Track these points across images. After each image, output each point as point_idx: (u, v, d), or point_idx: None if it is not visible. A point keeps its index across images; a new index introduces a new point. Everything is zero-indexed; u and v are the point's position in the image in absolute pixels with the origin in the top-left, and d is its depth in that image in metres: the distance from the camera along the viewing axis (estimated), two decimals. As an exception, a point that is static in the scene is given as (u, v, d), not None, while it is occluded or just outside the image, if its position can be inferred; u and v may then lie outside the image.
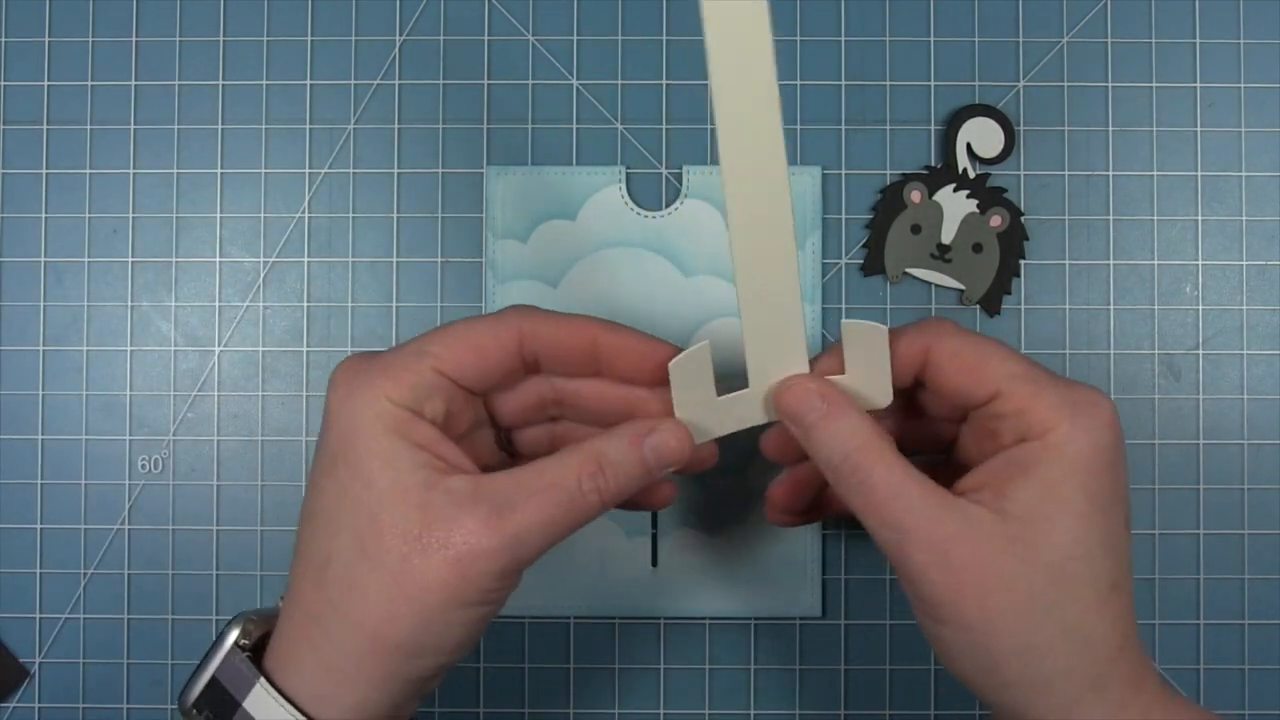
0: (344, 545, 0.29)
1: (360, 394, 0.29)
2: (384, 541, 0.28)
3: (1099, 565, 0.28)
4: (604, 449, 0.30)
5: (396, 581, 0.28)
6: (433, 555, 0.28)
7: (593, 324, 0.32)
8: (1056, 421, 0.29)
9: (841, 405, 0.30)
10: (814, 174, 0.42)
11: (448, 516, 0.28)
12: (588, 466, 0.29)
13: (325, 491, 0.29)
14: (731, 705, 0.42)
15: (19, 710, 0.42)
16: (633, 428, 0.31)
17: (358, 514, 0.28)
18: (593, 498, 0.29)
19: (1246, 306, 0.42)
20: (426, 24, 0.43)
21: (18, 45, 0.43)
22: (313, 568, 0.29)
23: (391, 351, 0.30)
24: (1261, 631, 0.42)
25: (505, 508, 0.28)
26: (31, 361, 0.42)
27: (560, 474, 0.29)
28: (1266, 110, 0.42)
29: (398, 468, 0.28)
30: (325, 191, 0.43)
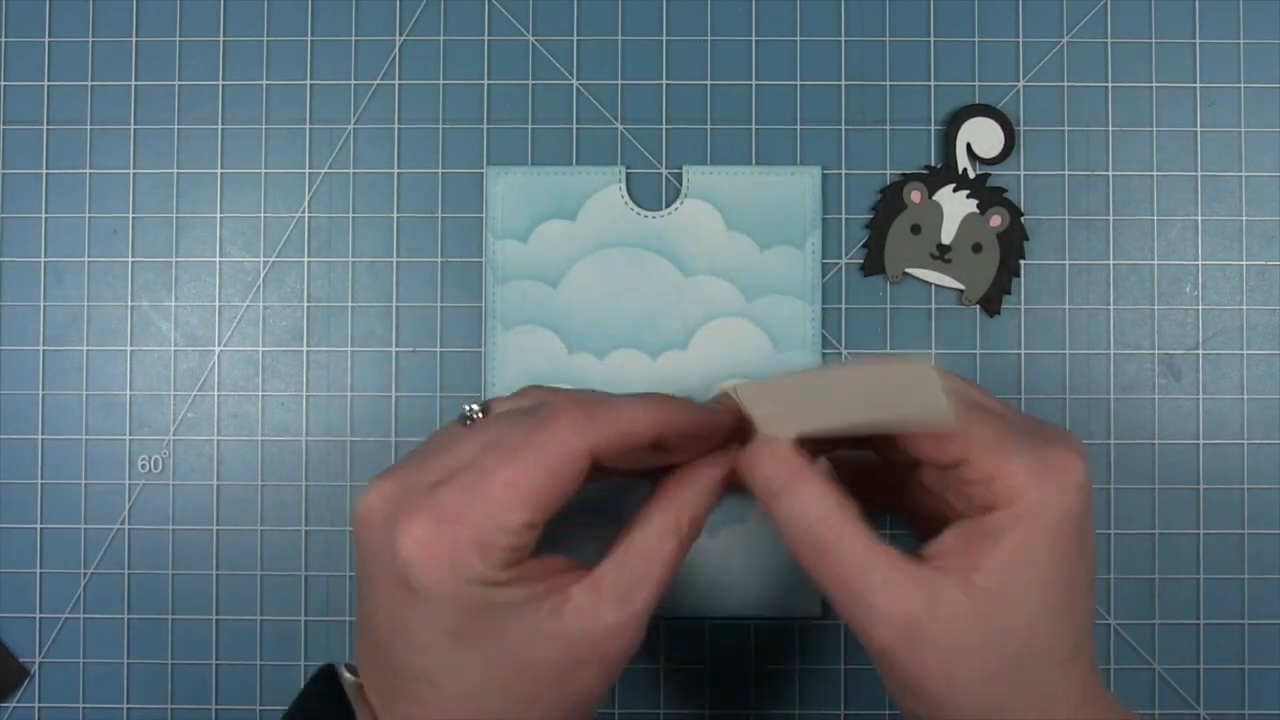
0: (494, 700, 0.28)
1: (462, 570, 0.27)
2: (539, 677, 0.29)
3: (1062, 630, 0.28)
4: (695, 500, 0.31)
5: (557, 700, 0.29)
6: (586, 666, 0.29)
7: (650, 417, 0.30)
8: (1025, 489, 0.28)
9: (804, 474, 0.30)
10: (814, 174, 0.42)
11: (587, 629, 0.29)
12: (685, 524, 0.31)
13: (447, 659, 0.28)
14: (731, 705, 0.42)
15: (19, 710, 0.42)
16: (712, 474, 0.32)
17: (498, 674, 0.28)
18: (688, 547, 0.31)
19: (1246, 306, 0.42)
20: (426, 24, 0.43)
21: (18, 45, 0.43)
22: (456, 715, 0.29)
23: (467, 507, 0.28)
24: (1261, 631, 0.42)
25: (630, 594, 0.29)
26: (31, 361, 0.42)
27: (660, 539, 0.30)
28: (1266, 110, 0.42)
29: (524, 626, 0.28)
30: (325, 191, 0.43)
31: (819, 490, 0.30)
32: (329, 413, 0.42)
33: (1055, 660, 0.28)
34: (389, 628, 0.29)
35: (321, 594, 0.42)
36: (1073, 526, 0.28)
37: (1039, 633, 0.28)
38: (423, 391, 0.42)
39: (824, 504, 0.29)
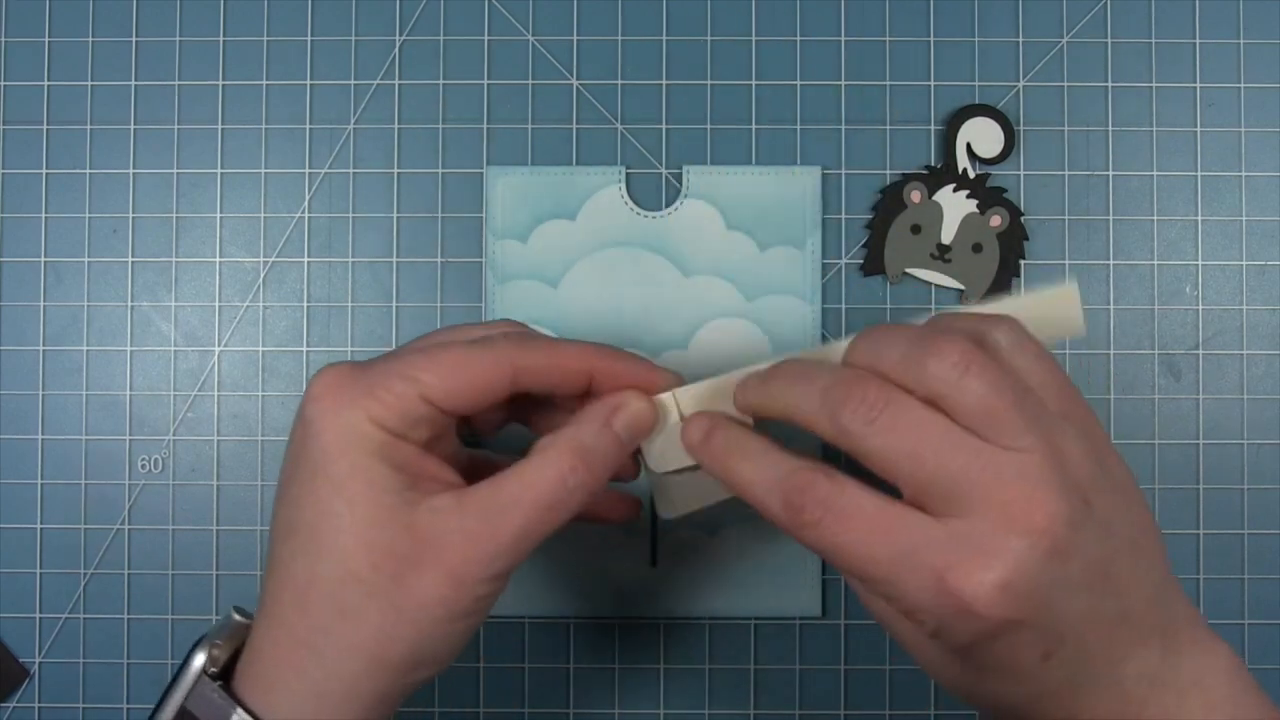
0: (330, 569, 0.28)
1: (345, 412, 0.29)
2: (375, 563, 0.28)
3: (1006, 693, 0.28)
4: (581, 439, 0.30)
5: (392, 602, 0.28)
6: (426, 573, 0.28)
7: (587, 354, 0.31)
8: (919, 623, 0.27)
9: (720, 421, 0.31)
10: (814, 174, 0.42)
11: (437, 534, 0.28)
12: (568, 461, 0.29)
13: (304, 507, 0.29)
14: (731, 705, 0.42)
15: (19, 710, 0.42)
16: (600, 409, 0.30)
17: (342, 536, 0.28)
18: (578, 493, 0.29)
19: (1246, 306, 0.42)
20: (426, 24, 0.43)
21: (18, 45, 0.43)
22: (294, 589, 0.29)
23: (378, 369, 0.29)
24: (1261, 631, 0.42)
25: (494, 517, 0.28)
26: (31, 361, 0.42)
27: (543, 474, 0.29)
28: (1266, 110, 0.42)
29: (383, 489, 0.28)
30: (325, 191, 0.43)
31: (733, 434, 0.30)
32: (329, 413, 0.42)
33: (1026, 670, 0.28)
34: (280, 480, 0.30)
35: (321, 594, 0.42)
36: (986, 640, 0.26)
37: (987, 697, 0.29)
38: (423, 391, 0.42)
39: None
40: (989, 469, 0.26)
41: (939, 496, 0.26)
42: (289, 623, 0.29)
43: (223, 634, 0.30)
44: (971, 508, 0.26)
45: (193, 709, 0.29)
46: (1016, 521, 0.25)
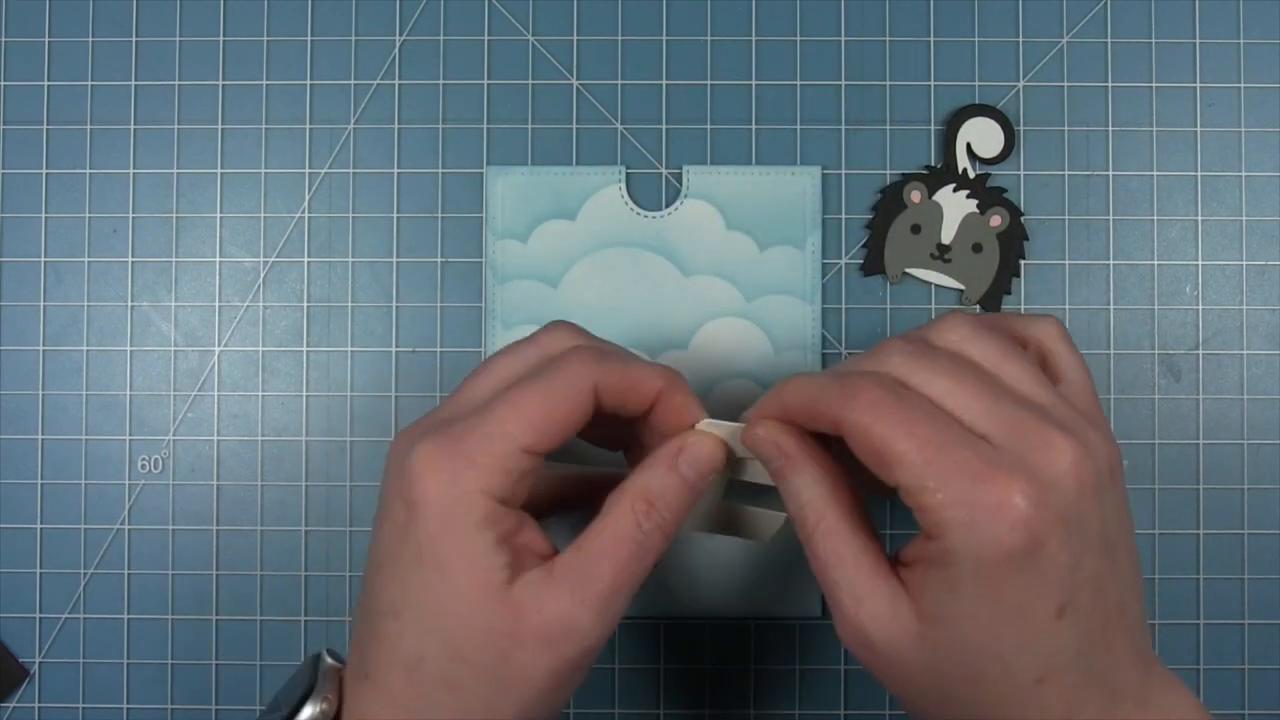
0: (437, 648, 0.29)
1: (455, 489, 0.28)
2: (480, 642, 0.28)
3: (1014, 665, 0.27)
4: (647, 483, 0.30)
5: (497, 678, 0.28)
6: (528, 648, 0.28)
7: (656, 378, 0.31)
8: (950, 527, 0.27)
9: (797, 459, 0.30)
10: (814, 174, 0.42)
11: (534, 609, 0.28)
12: (640, 506, 0.30)
13: (410, 587, 0.29)
14: (731, 705, 0.42)
15: (19, 710, 0.42)
16: (665, 453, 0.31)
17: (449, 618, 0.28)
18: (655, 536, 0.30)
19: (1246, 306, 0.42)
20: (426, 24, 0.43)
21: (18, 45, 0.43)
22: (402, 665, 0.29)
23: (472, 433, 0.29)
24: (1261, 631, 0.42)
25: (584, 582, 0.29)
26: (31, 361, 0.42)
27: (617, 526, 0.29)
28: (1266, 110, 0.42)
29: (483, 567, 0.28)
30: (325, 191, 0.43)
31: (810, 477, 0.30)
32: (329, 413, 0.42)
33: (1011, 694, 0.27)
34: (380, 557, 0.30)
35: (321, 594, 0.42)
36: (1013, 565, 0.26)
37: (985, 667, 0.27)
38: (423, 391, 0.42)
39: (811, 491, 0.30)
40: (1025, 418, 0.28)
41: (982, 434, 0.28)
42: (395, 693, 0.29)
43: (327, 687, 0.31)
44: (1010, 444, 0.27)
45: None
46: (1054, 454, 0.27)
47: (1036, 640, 0.27)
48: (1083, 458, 0.27)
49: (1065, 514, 0.27)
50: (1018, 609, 0.27)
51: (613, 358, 0.31)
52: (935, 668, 0.28)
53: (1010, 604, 0.27)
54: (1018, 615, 0.27)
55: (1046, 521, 0.26)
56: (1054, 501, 0.26)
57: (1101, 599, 0.28)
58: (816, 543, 0.29)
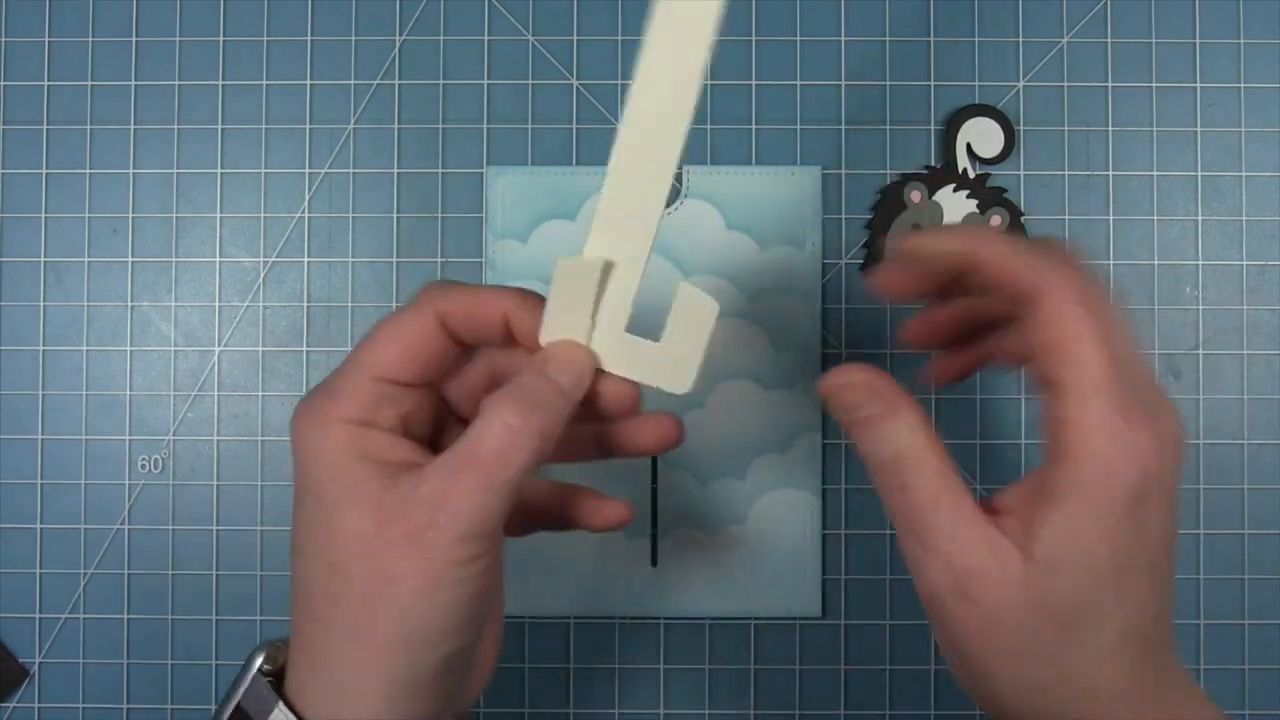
0: (319, 567, 0.29)
1: (315, 424, 0.30)
2: (350, 548, 0.29)
3: (1108, 616, 0.27)
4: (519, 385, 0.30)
5: (370, 585, 0.28)
6: (395, 546, 0.28)
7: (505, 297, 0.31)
8: (1088, 453, 0.27)
9: (895, 403, 0.30)
10: (814, 174, 0.42)
11: (402, 508, 0.28)
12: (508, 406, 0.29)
13: (300, 524, 0.30)
14: (731, 705, 0.42)
15: (19, 710, 0.42)
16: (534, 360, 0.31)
17: (322, 533, 0.29)
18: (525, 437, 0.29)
19: (1246, 306, 0.42)
20: (426, 24, 0.43)
21: (18, 45, 0.43)
22: (301, 595, 0.30)
23: (334, 374, 0.31)
24: (1261, 631, 0.42)
25: (449, 478, 0.28)
26: (31, 361, 0.42)
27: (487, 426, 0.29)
28: (1266, 110, 0.42)
29: (353, 480, 0.29)
30: (325, 191, 0.43)
31: (909, 424, 0.29)
32: (329, 413, 0.42)
33: (1095, 647, 0.27)
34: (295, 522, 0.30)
35: (321, 594, 0.42)
36: (1134, 510, 0.27)
37: (1081, 615, 0.27)
38: (423, 391, 0.42)
39: (911, 438, 0.29)
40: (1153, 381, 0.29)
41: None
42: (301, 626, 0.30)
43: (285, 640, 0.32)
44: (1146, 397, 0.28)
45: (246, 705, 0.31)
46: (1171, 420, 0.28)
47: (1132, 593, 0.27)
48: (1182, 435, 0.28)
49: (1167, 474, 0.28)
50: (1125, 555, 0.27)
51: (459, 286, 0.31)
52: (1031, 614, 0.27)
53: (1119, 553, 0.27)
54: (1124, 562, 0.27)
55: (1159, 476, 0.27)
56: (1168, 462, 0.27)
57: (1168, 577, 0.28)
58: (915, 488, 0.28)
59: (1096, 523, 0.27)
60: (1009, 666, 0.28)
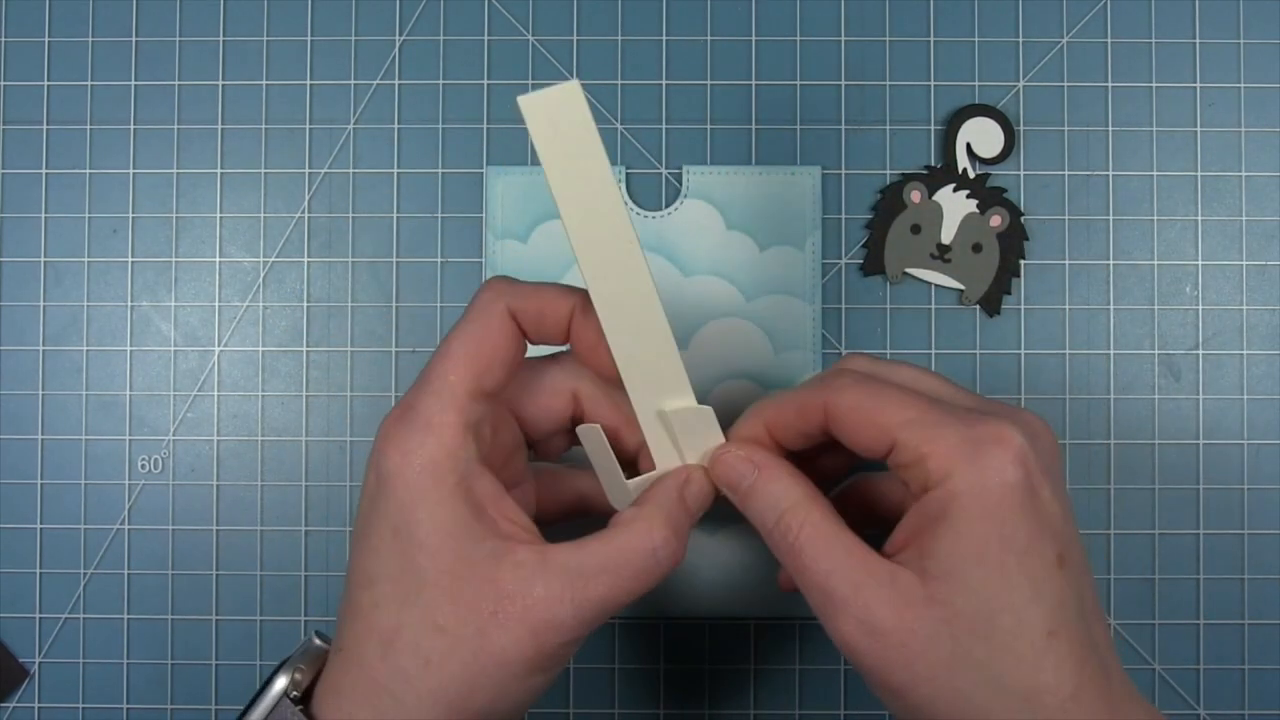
0: (414, 619, 0.28)
1: (413, 456, 0.29)
2: (460, 616, 0.28)
3: (1026, 614, 0.27)
4: (669, 511, 0.30)
5: (474, 656, 0.28)
6: (510, 629, 0.28)
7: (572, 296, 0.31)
8: (952, 466, 0.27)
9: (770, 469, 0.30)
10: (814, 174, 0.42)
11: (521, 591, 0.28)
12: (663, 534, 0.30)
13: (387, 560, 0.29)
14: (731, 705, 0.42)
15: (19, 710, 0.42)
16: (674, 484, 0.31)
17: (426, 589, 0.28)
18: (666, 565, 0.30)
19: (1246, 306, 0.42)
20: (426, 24, 0.43)
21: (18, 45, 0.43)
22: (378, 637, 0.29)
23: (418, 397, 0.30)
24: (1261, 631, 0.42)
25: (580, 582, 0.29)
26: (31, 361, 0.42)
27: (633, 544, 0.30)
28: (1266, 110, 0.42)
29: (462, 538, 0.28)
30: (325, 191, 0.43)
31: (785, 484, 0.30)
32: (329, 413, 0.42)
33: (1026, 648, 0.27)
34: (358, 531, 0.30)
35: (321, 594, 0.42)
36: (1014, 501, 0.27)
37: (998, 617, 0.27)
38: (423, 391, 0.42)
39: (790, 496, 0.30)
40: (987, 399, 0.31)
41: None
42: (370, 666, 0.29)
43: (305, 659, 0.31)
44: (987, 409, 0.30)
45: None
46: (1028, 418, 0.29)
47: (1044, 587, 0.27)
48: (1047, 427, 0.29)
49: (1048, 464, 0.28)
50: (1023, 550, 0.27)
51: (524, 283, 0.31)
52: (947, 630, 0.27)
53: (1015, 545, 0.27)
54: (1024, 558, 0.27)
55: (1038, 466, 0.28)
56: (1041, 450, 0.28)
57: (1083, 568, 0.29)
58: (803, 544, 0.29)
59: (982, 525, 0.27)
60: (941, 688, 0.28)
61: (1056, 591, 0.27)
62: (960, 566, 0.27)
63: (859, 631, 0.28)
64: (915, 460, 0.28)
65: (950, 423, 0.28)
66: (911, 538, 0.28)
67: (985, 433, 0.28)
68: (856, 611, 0.28)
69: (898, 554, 0.29)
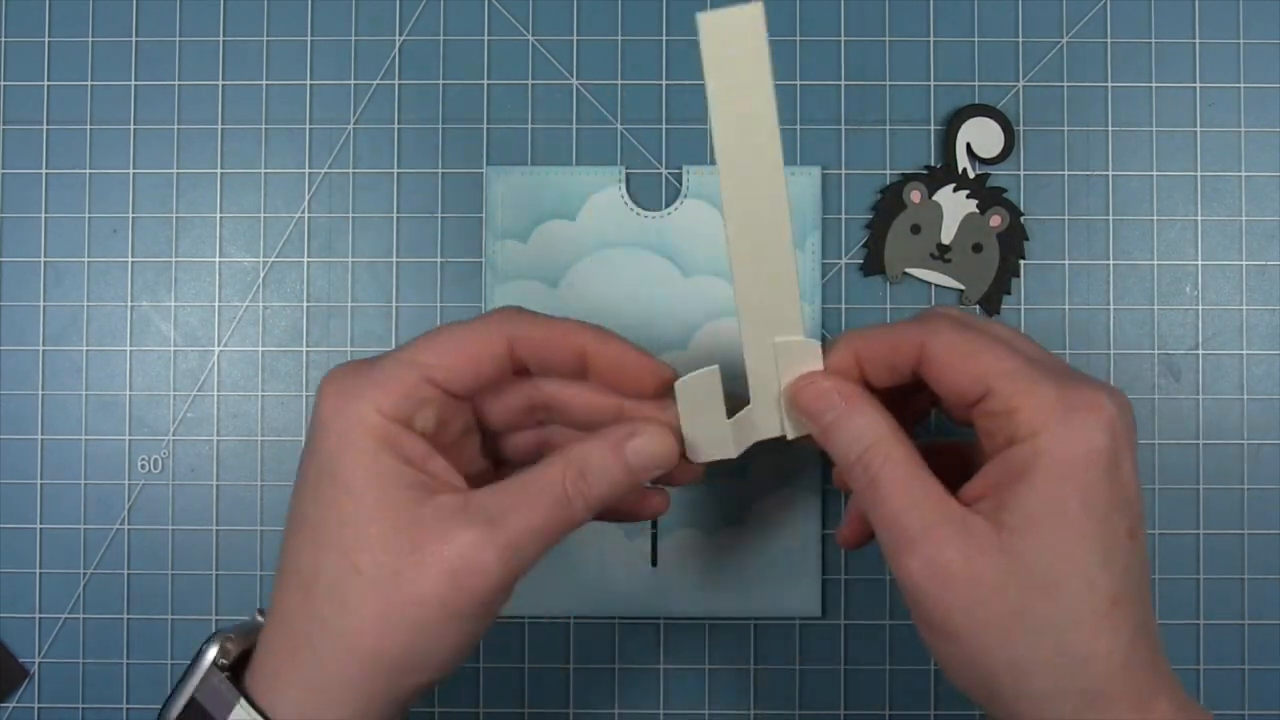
0: (333, 561, 0.28)
1: (350, 406, 0.29)
2: (376, 557, 0.28)
3: (1096, 579, 0.27)
4: (586, 455, 0.30)
5: (390, 597, 0.28)
6: (427, 570, 0.28)
7: (582, 331, 0.31)
8: (1044, 424, 0.27)
9: (858, 402, 0.30)
10: (814, 174, 0.42)
11: (440, 531, 0.28)
12: (570, 473, 0.29)
13: (312, 504, 0.29)
14: (731, 705, 0.42)
15: (19, 710, 0.42)
16: (614, 433, 0.30)
17: (346, 529, 0.28)
18: (578, 504, 0.29)
19: (1246, 306, 0.42)
20: (426, 24, 0.43)
21: (18, 45, 0.43)
22: (298, 583, 0.29)
23: (381, 360, 0.30)
24: (1261, 631, 0.42)
25: (495, 519, 0.28)
26: (31, 361, 0.42)
27: (544, 482, 0.29)
28: (1266, 110, 0.42)
29: (387, 484, 0.28)
30: (325, 191, 0.43)
31: (872, 418, 0.30)
32: (329, 413, 0.42)
33: (1088, 613, 0.27)
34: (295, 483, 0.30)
35: (321, 594, 0.42)
36: (1101, 465, 0.27)
37: (1067, 579, 0.27)
38: (423, 391, 0.42)
39: (877, 431, 0.30)
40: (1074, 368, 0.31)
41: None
42: (292, 616, 0.29)
43: (239, 630, 0.31)
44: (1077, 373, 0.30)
45: (201, 699, 0.29)
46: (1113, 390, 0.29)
47: (1116, 554, 0.27)
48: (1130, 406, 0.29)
49: (1131, 439, 0.28)
50: (1101, 516, 0.27)
51: (538, 315, 0.31)
52: (1013, 579, 0.27)
53: (1095, 509, 0.27)
54: (1101, 523, 0.27)
55: (1123, 435, 0.28)
56: (1126, 421, 0.28)
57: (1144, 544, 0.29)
58: (883, 479, 0.29)
59: (1063, 485, 0.27)
60: (1000, 643, 0.27)
61: (1125, 562, 0.28)
62: (1038, 522, 0.27)
63: (926, 570, 0.28)
64: (1006, 411, 0.28)
65: (1047, 381, 0.28)
66: (990, 488, 0.28)
67: (1080, 397, 0.28)
68: (926, 550, 0.28)
69: (974, 503, 0.29)
